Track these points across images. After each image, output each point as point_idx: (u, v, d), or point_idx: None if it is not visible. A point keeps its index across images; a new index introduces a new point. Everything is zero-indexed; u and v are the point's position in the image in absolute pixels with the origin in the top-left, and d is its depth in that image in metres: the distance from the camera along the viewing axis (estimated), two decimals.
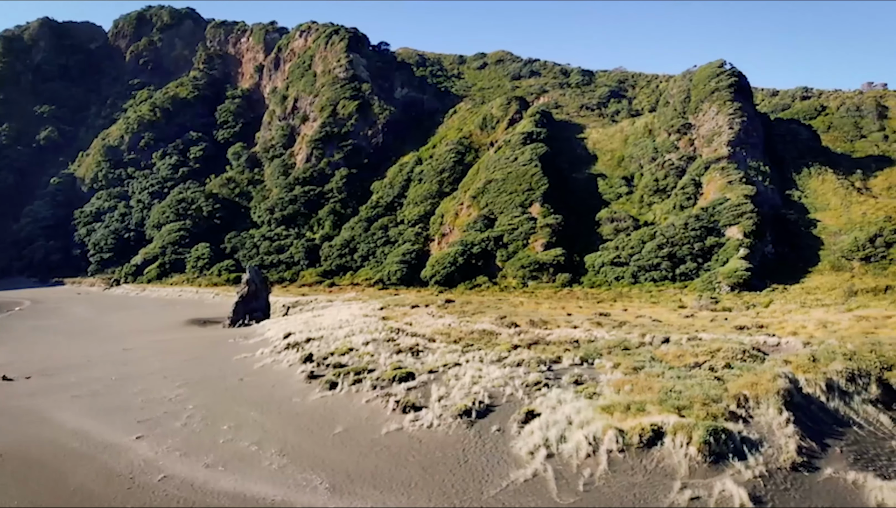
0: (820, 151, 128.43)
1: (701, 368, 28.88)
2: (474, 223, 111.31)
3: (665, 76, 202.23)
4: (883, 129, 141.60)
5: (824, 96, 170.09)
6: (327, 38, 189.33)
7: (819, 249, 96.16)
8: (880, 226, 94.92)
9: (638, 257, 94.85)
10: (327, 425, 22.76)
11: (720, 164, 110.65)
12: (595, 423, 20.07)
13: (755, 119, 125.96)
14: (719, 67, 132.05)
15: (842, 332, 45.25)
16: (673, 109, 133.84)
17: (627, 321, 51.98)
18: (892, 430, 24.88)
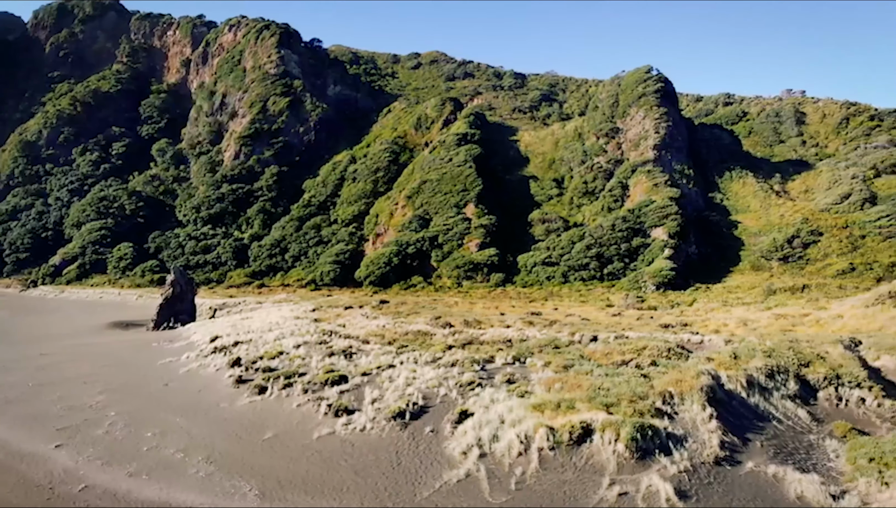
0: (741, 156, 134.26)
1: (628, 365, 29.68)
2: (409, 223, 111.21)
3: (595, 81, 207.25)
4: (801, 134, 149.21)
5: (746, 102, 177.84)
6: (258, 33, 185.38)
7: (740, 249, 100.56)
8: (797, 228, 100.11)
9: (568, 258, 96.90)
10: (256, 430, 22.26)
11: (646, 167, 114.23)
12: (527, 421, 20.30)
13: (680, 124, 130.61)
14: (646, 72, 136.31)
15: (761, 330, 47.41)
16: (602, 113, 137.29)
17: (558, 320, 52.87)
18: (810, 424, 26.19)
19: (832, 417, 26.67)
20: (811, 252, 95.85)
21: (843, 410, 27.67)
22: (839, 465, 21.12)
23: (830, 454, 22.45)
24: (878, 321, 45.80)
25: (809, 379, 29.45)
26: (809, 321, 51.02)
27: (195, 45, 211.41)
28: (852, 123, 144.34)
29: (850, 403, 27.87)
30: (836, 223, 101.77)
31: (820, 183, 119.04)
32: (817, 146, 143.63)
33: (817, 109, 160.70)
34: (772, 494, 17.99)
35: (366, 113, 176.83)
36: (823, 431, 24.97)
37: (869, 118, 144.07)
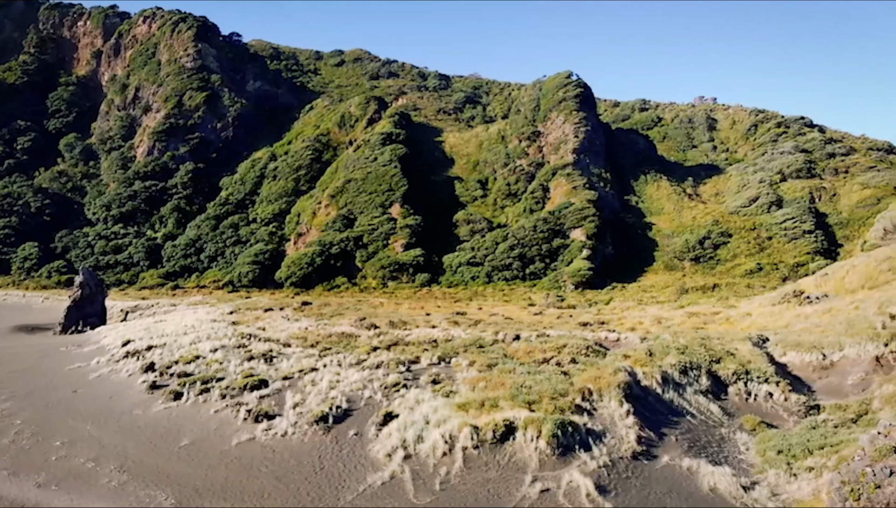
0: (656, 160, 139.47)
1: (549, 363, 30.27)
2: (333, 223, 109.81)
3: (517, 84, 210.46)
4: (712, 140, 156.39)
5: (661, 108, 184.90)
6: (174, 25, 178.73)
7: (654, 250, 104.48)
8: (708, 229, 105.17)
9: (492, 258, 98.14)
10: (172, 437, 21.47)
11: (566, 170, 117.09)
12: (451, 421, 20.37)
13: (598, 128, 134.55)
14: (566, 77, 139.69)
15: (675, 327, 49.27)
16: (524, 117, 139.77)
17: (482, 320, 53.35)
18: (722, 418, 27.37)
19: (742, 411, 27.97)
20: (721, 253, 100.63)
21: (753, 404, 29.07)
22: (749, 457, 22.13)
23: (741, 446, 23.51)
24: (784, 319, 48.39)
25: (720, 375, 30.80)
26: (720, 319, 53.38)
27: (107, 37, 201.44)
28: (760, 130, 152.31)
29: (759, 397, 29.31)
30: (745, 225, 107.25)
31: (730, 187, 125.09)
32: (727, 151, 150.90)
33: (728, 115, 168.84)
34: (686, 487, 18.67)
35: (287, 109, 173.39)
36: (734, 425, 26.13)
37: (776, 125, 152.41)
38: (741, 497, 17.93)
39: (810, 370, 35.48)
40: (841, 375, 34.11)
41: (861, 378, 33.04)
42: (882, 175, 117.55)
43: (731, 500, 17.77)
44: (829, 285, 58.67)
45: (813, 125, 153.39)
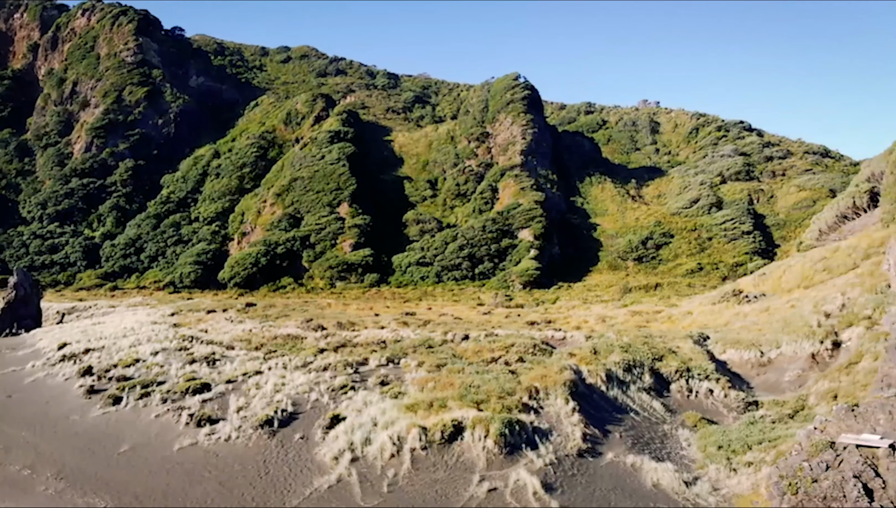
0: (601, 162, 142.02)
1: (497, 362, 30.47)
2: (279, 222, 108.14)
3: (466, 85, 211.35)
4: (655, 143, 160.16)
5: (605, 111, 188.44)
6: (114, 18, 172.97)
7: (599, 250, 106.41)
8: (651, 230, 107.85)
9: (442, 258, 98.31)
10: (111, 443, 20.82)
11: (514, 171, 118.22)
12: (400, 423, 20.33)
13: (545, 130, 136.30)
14: (514, 80, 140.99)
15: (619, 326, 50.26)
16: (473, 117, 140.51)
17: (432, 320, 53.39)
18: (664, 415, 28.01)
19: (684, 408, 28.68)
20: (663, 253, 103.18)
21: (694, 401, 29.84)
22: (691, 453, 22.70)
23: (683, 442, 24.10)
24: (723, 317, 49.86)
25: (663, 372, 31.52)
26: (662, 318, 54.72)
27: (44, 30, 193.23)
28: (702, 133, 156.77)
29: (700, 394, 30.10)
30: (686, 226, 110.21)
31: (672, 189, 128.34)
32: (670, 154, 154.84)
33: (670, 119, 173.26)
34: (630, 483, 19.02)
35: (231, 106, 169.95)
36: (676, 421, 26.77)
37: (717, 128, 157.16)
38: (683, 492, 18.35)
39: (749, 367, 36.63)
40: (778, 372, 35.31)
41: (797, 375, 34.26)
42: (817, 178, 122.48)
43: (673, 496, 18.16)
44: (767, 284, 60.76)
45: (752, 129, 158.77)
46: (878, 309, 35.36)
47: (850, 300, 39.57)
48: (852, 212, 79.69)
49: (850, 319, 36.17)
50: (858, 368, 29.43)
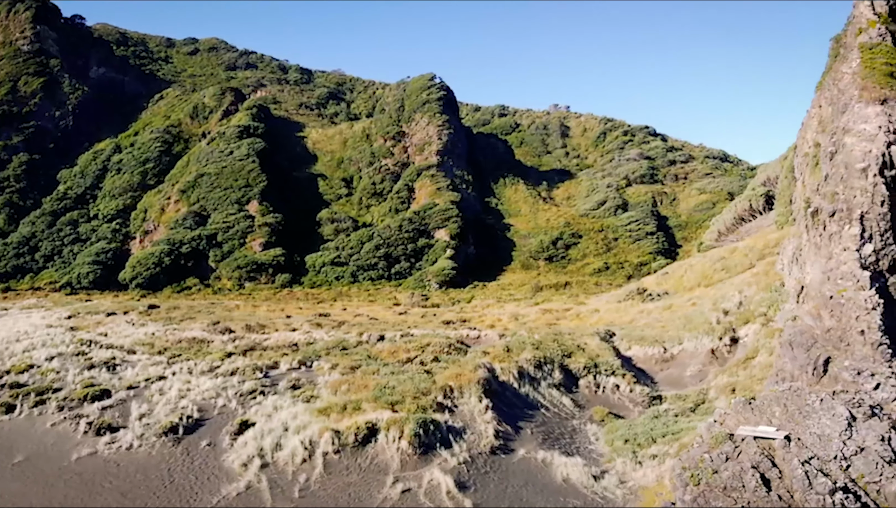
0: (514, 164, 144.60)
1: (413, 363, 30.52)
2: (184, 220, 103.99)
3: (382, 83, 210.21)
4: (565, 146, 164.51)
5: (518, 115, 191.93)
6: (10, 5, 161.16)
7: (512, 250, 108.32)
8: (561, 230, 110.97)
9: (357, 257, 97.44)
10: (4, 454, 19.67)
11: (431, 171, 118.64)
12: (312, 427, 20.11)
13: (461, 131, 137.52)
14: (430, 80, 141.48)
15: (530, 324, 51.37)
16: (388, 116, 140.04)
17: (347, 321, 52.98)
18: (573, 410, 28.86)
19: (592, 403, 29.62)
20: (572, 253, 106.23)
21: (601, 396, 30.88)
22: (599, 447, 23.47)
23: (591, 437, 24.89)
24: (629, 315, 51.83)
25: (572, 369, 32.45)
26: (571, 315, 56.38)
27: None
28: (609, 137, 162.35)
29: (607, 389, 31.19)
30: (594, 227, 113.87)
31: (580, 191, 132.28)
32: (579, 157, 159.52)
33: (580, 123, 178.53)
34: (541, 479, 19.47)
35: (134, 98, 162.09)
36: (585, 416, 27.63)
37: (623, 133, 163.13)
38: (592, 486, 18.92)
39: (653, 362, 38.22)
40: (680, 367, 37.01)
41: (698, 370, 36.01)
42: (717, 181, 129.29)
43: (582, 490, 18.67)
44: (670, 283, 63.62)
45: (656, 134, 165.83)
46: (772, 307, 37.62)
47: (747, 298, 41.90)
48: (749, 214, 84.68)
49: (747, 316, 38.31)
50: (755, 363, 31.18)
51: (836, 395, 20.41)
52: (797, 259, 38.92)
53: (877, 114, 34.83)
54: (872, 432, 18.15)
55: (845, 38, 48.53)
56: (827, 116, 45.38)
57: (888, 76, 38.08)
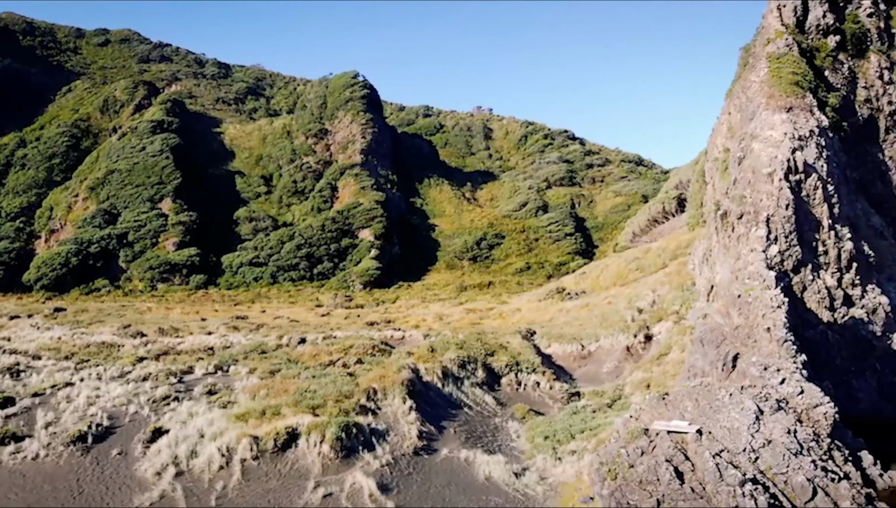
0: (438, 165, 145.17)
1: (335, 365, 30.18)
2: (93, 218, 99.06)
3: (303, 80, 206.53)
4: (488, 148, 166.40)
5: (443, 115, 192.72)
6: None
7: (437, 250, 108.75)
8: (484, 231, 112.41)
9: (277, 258, 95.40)
10: None
11: (354, 170, 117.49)
12: (229, 433, 19.63)
13: (385, 131, 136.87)
14: (353, 78, 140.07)
15: (455, 323, 51.78)
16: (310, 113, 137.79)
17: (266, 323, 51.96)
18: (495, 409, 29.23)
19: (513, 400, 30.10)
20: (496, 253, 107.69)
21: (523, 393, 31.42)
22: (520, 444, 23.86)
23: (513, 434, 25.27)
24: (548, 313, 52.98)
25: (494, 367, 32.88)
26: (494, 314, 57.20)
27: None
28: (530, 141, 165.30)
29: (528, 387, 31.77)
30: (516, 228, 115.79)
31: (503, 192, 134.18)
32: (502, 159, 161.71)
33: (502, 126, 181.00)
34: (464, 478, 19.61)
35: (41, 91, 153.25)
36: (506, 414, 28.03)
37: (543, 136, 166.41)
38: (513, 483, 19.21)
39: (571, 359, 39.23)
40: (598, 363, 38.12)
41: (615, 366, 37.18)
42: (632, 185, 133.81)
43: (504, 487, 18.93)
44: (587, 282, 65.41)
45: (575, 138, 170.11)
46: (684, 305, 39.28)
47: (660, 297, 43.56)
48: (662, 216, 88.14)
49: (660, 314, 39.84)
50: (668, 359, 32.44)
51: (745, 390, 21.46)
52: (707, 260, 40.77)
53: (783, 121, 36.97)
54: (779, 425, 19.18)
55: (754, 47, 51.36)
56: (736, 123, 47.82)
57: (794, 85, 40.49)
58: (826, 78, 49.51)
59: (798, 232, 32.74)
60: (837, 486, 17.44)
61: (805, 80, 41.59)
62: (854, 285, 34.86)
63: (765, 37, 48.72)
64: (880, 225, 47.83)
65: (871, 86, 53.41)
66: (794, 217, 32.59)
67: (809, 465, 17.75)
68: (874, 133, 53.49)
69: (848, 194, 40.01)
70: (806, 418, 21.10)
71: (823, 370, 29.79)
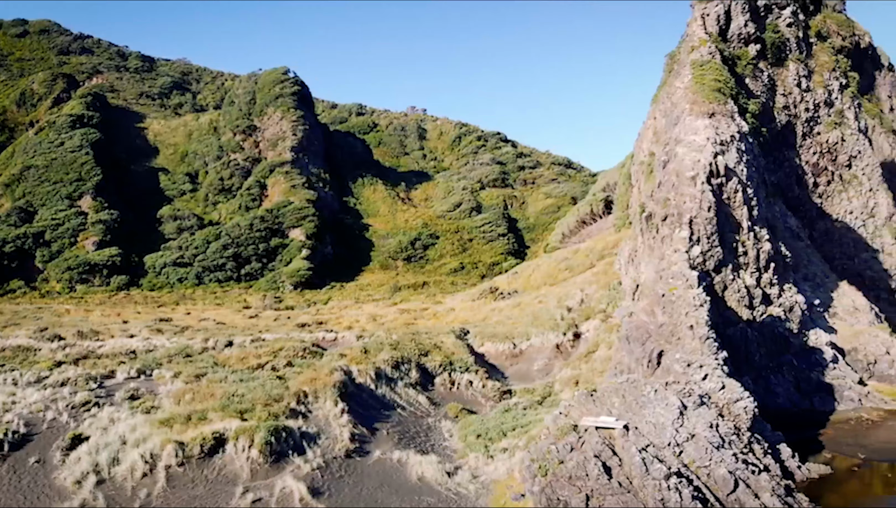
0: (372, 164, 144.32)
1: (264, 369, 29.62)
2: (8, 217, 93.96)
3: (231, 75, 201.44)
4: (422, 148, 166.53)
5: (376, 114, 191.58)
6: None
7: (371, 250, 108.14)
8: (419, 231, 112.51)
9: (203, 258, 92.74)
10: None
11: (284, 168, 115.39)
12: (153, 439, 19.03)
13: (317, 128, 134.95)
14: (283, 73, 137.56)
15: (389, 324, 51.64)
16: (238, 109, 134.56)
17: (191, 326, 50.65)
18: (429, 408, 29.29)
19: (447, 399, 30.25)
20: (430, 253, 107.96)
21: (456, 392, 31.62)
22: (453, 444, 24.00)
23: (446, 434, 25.39)
24: (482, 313, 53.52)
25: (428, 367, 32.97)
26: (428, 314, 57.36)
27: None
28: (464, 142, 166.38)
29: (461, 386, 32.00)
30: (450, 228, 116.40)
31: (438, 192, 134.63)
32: (436, 160, 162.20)
33: (436, 126, 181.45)
34: (397, 479, 19.59)
35: None
36: (440, 413, 28.15)
37: (477, 138, 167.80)
38: (446, 483, 19.30)
39: (504, 358, 39.75)
40: (529, 361, 38.76)
41: (545, 364, 37.88)
42: (562, 187, 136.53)
43: (437, 487, 19.00)
44: (519, 282, 66.40)
45: (507, 140, 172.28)
46: (611, 304, 40.40)
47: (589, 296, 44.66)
48: (590, 218, 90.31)
49: (589, 312, 40.86)
50: (596, 356, 33.26)
51: (669, 386, 22.23)
52: (633, 260, 42.04)
53: (705, 126, 38.47)
54: (702, 419, 19.95)
55: (679, 54, 53.28)
56: (661, 128, 49.48)
57: (716, 92, 42.20)
58: (747, 85, 51.87)
59: (719, 233, 34.15)
60: (758, 478, 18.26)
61: (727, 87, 43.39)
62: (772, 285, 36.63)
63: (689, 44, 50.58)
64: (796, 227, 50.53)
65: (789, 93, 56.33)
66: (715, 219, 33.97)
67: (731, 458, 18.54)
68: (791, 138, 56.43)
69: (766, 197, 42.06)
70: (727, 412, 22.04)
71: (743, 366, 31.20)
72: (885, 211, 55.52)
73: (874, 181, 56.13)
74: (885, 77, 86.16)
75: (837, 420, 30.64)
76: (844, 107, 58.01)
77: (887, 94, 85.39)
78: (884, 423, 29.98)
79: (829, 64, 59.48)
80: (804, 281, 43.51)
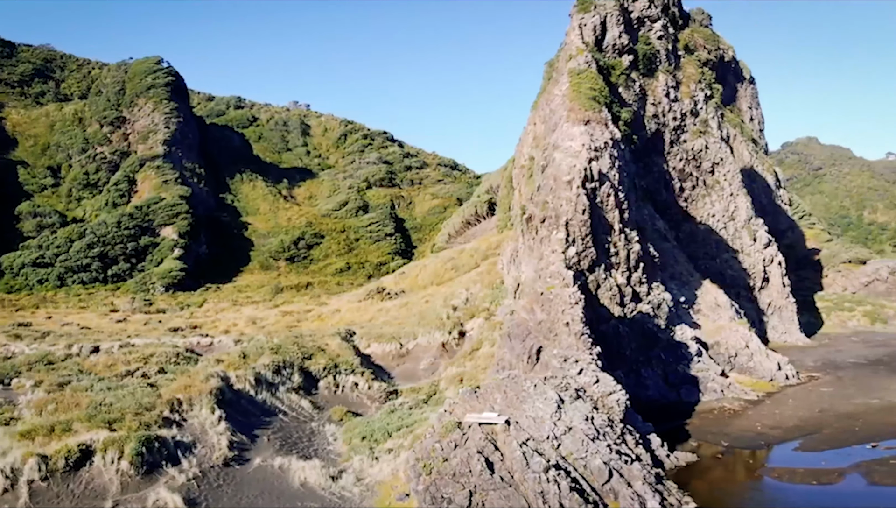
0: (252, 160, 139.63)
1: (134, 376, 28.05)
2: None
3: (99, 63, 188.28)
4: (306, 145, 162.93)
5: (256, 108, 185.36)
6: None
7: (250, 250, 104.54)
8: (302, 230, 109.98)
9: (66, 258, 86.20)
10: None
11: (156, 162, 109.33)
12: (13, 452, 17.66)
13: (192, 121, 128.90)
14: (156, 63, 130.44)
15: (270, 327, 50.23)
16: (107, 99, 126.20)
17: (52, 331, 47.10)
18: (312, 413, 28.73)
19: (332, 403, 29.83)
20: (314, 253, 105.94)
21: (341, 395, 31.26)
22: (337, 447, 23.71)
23: (330, 437, 25.04)
24: (368, 313, 53.21)
25: (312, 370, 32.37)
26: (313, 316, 56.30)
27: None
28: (350, 140, 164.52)
29: (346, 388, 31.68)
30: (336, 227, 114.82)
31: (322, 191, 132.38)
32: (320, 157, 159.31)
33: (321, 123, 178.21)
34: (278, 485, 19.11)
35: None
36: (324, 417, 27.72)
37: (363, 136, 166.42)
38: (329, 487, 19.07)
39: (390, 358, 39.77)
40: (415, 360, 39.00)
41: (431, 362, 38.24)
42: (448, 188, 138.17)
43: (320, 492, 18.72)
44: (406, 282, 66.63)
45: (394, 140, 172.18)
46: (494, 302, 41.43)
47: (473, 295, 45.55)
48: (475, 219, 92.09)
49: (473, 311, 41.69)
50: (479, 353, 33.98)
51: (548, 380, 23.07)
52: (514, 260, 43.33)
53: (581, 133, 40.26)
54: (578, 412, 20.85)
55: (557, 62, 55.38)
56: (540, 133, 51.26)
57: (591, 100, 44.22)
58: (620, 94, 54.76)
59: (593, 235, 35.86)
60: (630, 468, 19.32)
61: (602, 95, 45.60)
62: (641, 283, 38.93)
63: (567, 53, 52.69)
64: (664, 229, 53.97)
65: (659, 103, 60.04)
66: (589, 221, 35.62)
67: (605, 449, 19.50)
68: (660, 145, 60.21)
69: (637, 201, 44.61)
70: (602, 405, 23.17)
71: (616, 360, 32.94)
72: (744, 214, 60.48)
73: (735, 186, 60.97)
74: (746, 89, 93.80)
75: (702, 410, 33.00)
76: (709, 116, 62.62)
77: (748, 104, 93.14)
78: (744, 412, 32.61)
79: (696, 76, 63.97)
80: (671, 280, 46.55)
